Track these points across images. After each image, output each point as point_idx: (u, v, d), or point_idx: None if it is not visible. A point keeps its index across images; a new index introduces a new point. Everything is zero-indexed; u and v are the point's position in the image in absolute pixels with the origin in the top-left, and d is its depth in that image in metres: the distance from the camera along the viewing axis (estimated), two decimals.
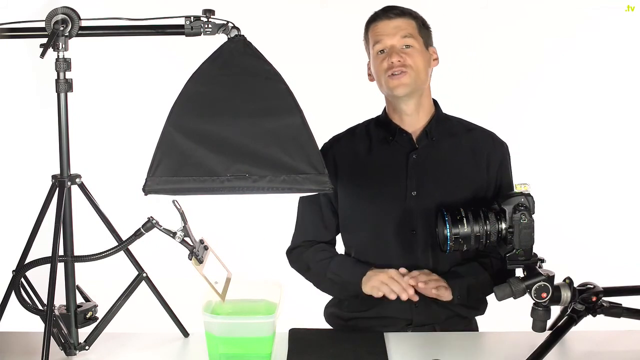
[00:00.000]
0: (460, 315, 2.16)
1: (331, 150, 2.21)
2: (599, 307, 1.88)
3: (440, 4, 3.43)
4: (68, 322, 1.91)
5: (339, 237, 2.30)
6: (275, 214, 3.53)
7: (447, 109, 2.21)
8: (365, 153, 2.18)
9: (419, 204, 2.10)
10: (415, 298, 2.01)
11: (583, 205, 3.74)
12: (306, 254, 2.24)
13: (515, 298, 1.80)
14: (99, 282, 2.16)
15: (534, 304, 1.80)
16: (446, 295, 2.03)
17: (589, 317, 1.88)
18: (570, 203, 3.71)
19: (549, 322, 1.84)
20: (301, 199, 2.26)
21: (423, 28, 2.12)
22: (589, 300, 1.87)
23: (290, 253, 2.30)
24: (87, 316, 1.94)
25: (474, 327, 2.24)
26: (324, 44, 3.59)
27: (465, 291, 2.06)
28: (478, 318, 2.25)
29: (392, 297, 2.00)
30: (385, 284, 2.01)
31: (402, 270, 2.04)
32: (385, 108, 2.22)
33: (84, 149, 2.52)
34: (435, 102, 2.20)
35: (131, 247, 1.90)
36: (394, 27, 2.08)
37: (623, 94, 3.72)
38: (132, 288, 1.94)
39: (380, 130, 2.20)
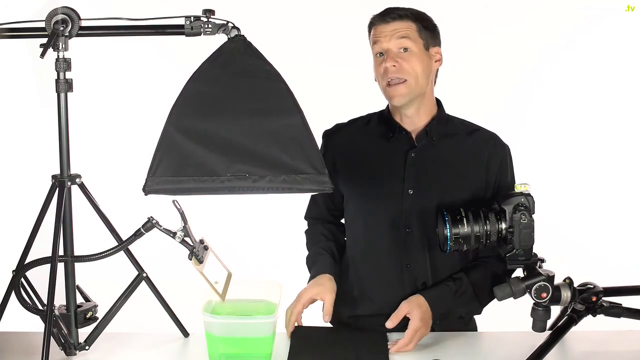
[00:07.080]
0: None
1: (331, 139, 2.22)
2: (599, 307, 1.88)
3: (441, 4, 3.43)
4: (68, 322, 1.91)
5: None
6: (275, 214, 3.55)
7: (448, 109, 2.20)
8: (365, 147, 2.18)
9: (416, 202, 2.09)
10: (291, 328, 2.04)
11: (583, 205, 3.74)
12: (310, 234, 2.30)
13: (515, 298, 1.80)
14: (99, 282, 2.16)
15: (534, 304, 1.80)
16: (422, 333, 1.98)
17: (589, 317, 1.89)
18: (570, 203, 3.71)
19: (549, 322, 1.84)
20: None
21: (425, 30, 2.09)
22: (589, 300, 1.87)
23: (308, 224, 2.35)
24: (87, 316, 1.94)
25: (472, 327, 2.24)
26: (324, 43, 3.59)
27: (438, 315, 2.03)
28: (478, 318, 2.25)
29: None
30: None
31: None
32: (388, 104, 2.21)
33: (84, 149, 2.52)
34: (438, 102, 2.19)
35: (131, 247, 1.90)
36: (391, 29, 2.06)
37: (623, 94, 3.72)
38: (132, 288, 1.94)
39: (381, 125, 2.20)
